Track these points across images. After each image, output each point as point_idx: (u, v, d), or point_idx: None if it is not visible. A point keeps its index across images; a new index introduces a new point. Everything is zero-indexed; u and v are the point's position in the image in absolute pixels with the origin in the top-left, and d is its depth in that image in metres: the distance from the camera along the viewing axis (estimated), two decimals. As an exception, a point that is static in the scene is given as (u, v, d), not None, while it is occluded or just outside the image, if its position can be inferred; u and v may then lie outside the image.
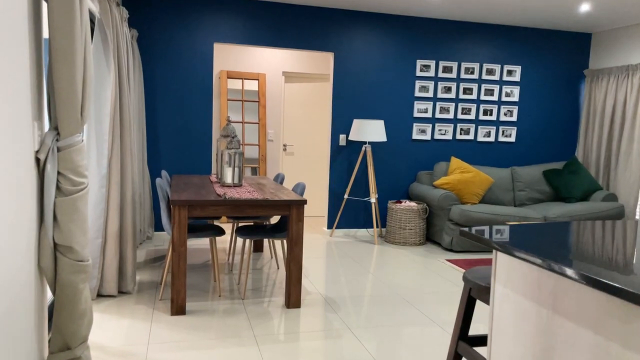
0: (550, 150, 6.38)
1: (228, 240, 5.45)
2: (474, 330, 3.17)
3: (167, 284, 3.83)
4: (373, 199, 5.53)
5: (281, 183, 4.50)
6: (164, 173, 4.31)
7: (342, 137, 5.76)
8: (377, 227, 5.66)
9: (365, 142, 5.85)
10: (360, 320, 3.27)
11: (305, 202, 3.37)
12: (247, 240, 4.52)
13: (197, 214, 3.23)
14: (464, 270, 4.45)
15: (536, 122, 6.28)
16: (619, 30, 5.95)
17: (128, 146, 3.59)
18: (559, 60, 6.26)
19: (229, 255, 4.65)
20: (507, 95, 6.12)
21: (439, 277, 4.28)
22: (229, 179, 3.84)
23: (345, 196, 5.68)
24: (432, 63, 5.88)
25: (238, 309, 3.39)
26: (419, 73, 5.86)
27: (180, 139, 5.35)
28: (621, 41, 5.92)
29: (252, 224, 4.75)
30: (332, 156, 5.77)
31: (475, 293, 1.92)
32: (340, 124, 5.75)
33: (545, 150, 6.36)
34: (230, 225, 6.31)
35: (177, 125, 5.33)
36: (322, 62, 6.91)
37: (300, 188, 3.75)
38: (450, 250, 5.28)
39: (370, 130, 5.41)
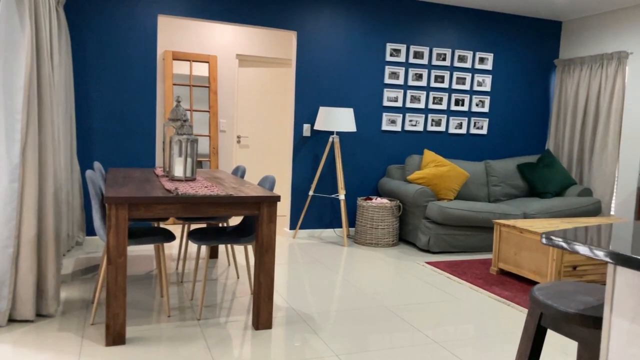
0: (523, 143, 6.07)
1: (176, 245, 4.71)
2: None
3: (102, 302, 3.09)
4: (342, 195, 4.96)
5: (242, 177, 3.83)
6: (97, 165, 3.54)
7: (306, 127, 5.16)
8: (346, 226, 5.09)
9: (332, 133, 5.27)
10: (347, 343, 2.68)
11: (278, 198, 2.74)
12: (203, 247, 3.81)
13: (140, 214, 2.52)
14: (447, 274, 3.98)
15: (508, 113, 5.94)
16: (591, 18, 5.70)
17: (49, 130, 2.82)
18: (530, 48, 5.95)
19: (178, 263, 3.93)
20: (479, 84, 5.73)
21: (423, 283, 3.77)
22: (179, 172, 3.14)
23: (310, 193, 5.08)
24: (403, 47, 5.38)
25: (193, 334, 2.71)
26: (389, 58, 5.34)
27: (117, 127, 4.55)
28: (593, 29, 5.67)
29: (205, 226, 4.05)
30: (295, 148, 5.15)
31: (550, 321, 1.38)
32: (304, 112, 5.14)
33: (518, 143, 6.04)
34: (178, 227, 5.54)
35: (114, 110, 4.53)
36: (281, 46, 6.27)
37: (269, 182, 3.11)
38: (427, 251, 4.80)
39: (338, 119, 4.83)
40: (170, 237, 2.95)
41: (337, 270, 4.03)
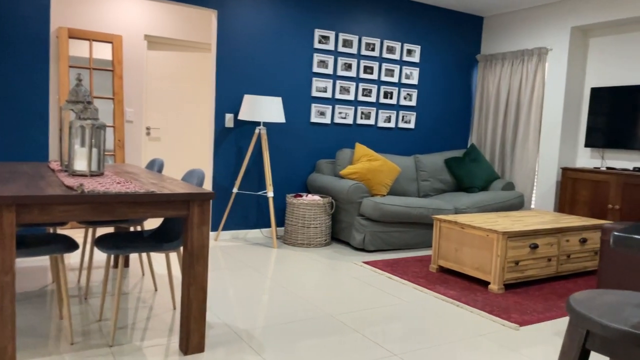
0: (449, 138, 6.03)
1: (76, 252, 4.02)
2: (447, 360, 2.40)
3: (-20, 331, 2.42)
4: (270, 192, 4.54)
5: (159, 172, 3.29)
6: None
7: (228, 117, 4.67)
8: (274, 226, 4.70)
9: (259, 124, 4.83)
10: (296, 363, 2.29)
11: (212, 195, 2.28)
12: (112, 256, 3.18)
13: (32, 218, 1.95)
14: (387, 274, 3.72)
15: (434, 107, 5.86)
16: (511, 15, 5.78)
17: None
18: (455, 42, 5.92)
19: (80, 274, 3.30)
20: (407, 77, 5.59)
21: (365, 285, 3.48)
22: (81, 165, 2.56)
23: (234, 190, 4.61)
24: (332, 35, 5.07)
25: (107, 366, 2.18)
26: (317, 45, 5.01)
27: None
28: (513, 25, 5.76)
29: (113, 230, 3.46)
30: (216, 141, 4.64)
31: (598, 343, 1.10)
32: (227, 101, 4.64)
33: (444, 137, 5.99)
34: (79, 232, 4.80)
35: (-6, 92, 3.75)
36: (197, 28, 5.70)
37: (197, 177, 2.62)
38: (363, 250, 4.53)
39: (265, 109, 4.41)
40: (72, 245, 2.38)
41: (271, 276, 3.62)
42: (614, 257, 2.74)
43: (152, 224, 5.15)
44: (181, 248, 2.95)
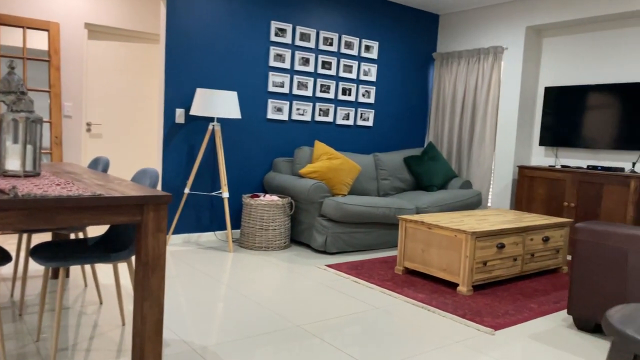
0: (406, 136, 5.96)
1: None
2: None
3: None
4: (225, 193, 4.26)
5: (105, 172, 2.96)
6: None
7: (179, 112, 4.35)
8: (230, 229, 4.43)
9: (212, 120, 4.54)
10: (266, 383, 2.07)
11: (169, 198, 2.02)
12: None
13: (-48, 229, 1.62)
14: (353, 278, 3.56)
15: (392, 105, 5.77)
16: (467, 13, 5.77)
17: None
18: (412, 40, 5.85)
19: (13, 288, 2.92)
20: (365, 74, 5.46)
21: (331, 291, 3.29)
22: (14, 165, 2.22)
23: (186, 191, 4.30)
24: (289, 27, 4.85)
25: (46, 398, 1.87)
26: (273, 37, 4.77)
27: None
28: (469, 24, 5.76)
29: (50, 238, 3.11)
30: (165, 138, 4.32)
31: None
32: (177, 95, 4.33)
33: (402, 135, 5.91)
34: (9, 239, 4.33)
35: None
36: (144, 17, 5.31)
37: (150, 177, 2.34)
38: (324, 252, 4.35)
39: (220, 104, 4.13)
40: (4, 257, 2.04)
41: (228, 283, 3.36)
42: (587, 255, 2.70)
43: (96, 229, 4.75)
44: (133, 257, 2.64)
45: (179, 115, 4.35)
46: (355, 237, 4.34)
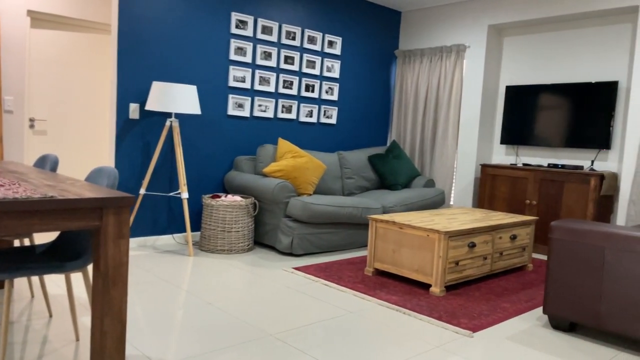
0: (369, 134, 5.87)
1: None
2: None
3: None
4: (185, 193, 4.02)
5: (53, 171, 2.68)
6: None
7: (133, 107, 4.07)
8: (190, 231, 4.20)
9: (170, 115, 4.27)
10: (242, 402, 1.89)
11: (131, 200, 1.80)
12: None
13: None
14: (323, 281, 3.42)
15: (355, 102, 5.67)
16: (429, 10, 5.75)
17: None
18: (374, 36, 5.77)
19: (-54, 303, 2.59)
20: (329, 70, 5.33)
21: (302, 296, 3.14)
22: (-52, 163, 1.93)
23: (141, 191, 4.02)
24: (250, 20, 4.65)
25: None
26: (234, 30, 4.56)
27: None
28: (431, 22, 5.74)
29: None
30: (118, 135, 4.02)
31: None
32: (131, 89, 4.04)
33: (365, 133, 5.82)
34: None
35: None
36: (93, 5, 4.97)
37: (107, 177, 2.10)
38: (290, 254, 4.18)
39: (178, 98, 3.89)
40: None
41: (191, 290, 3.14)
42: (563, 253, 2.67)
43: (44, 234, 4.37)
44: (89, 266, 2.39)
45: (133, 110, 4.07)
46: (322, 238, 4.20)
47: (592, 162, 4.70)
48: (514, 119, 5.17)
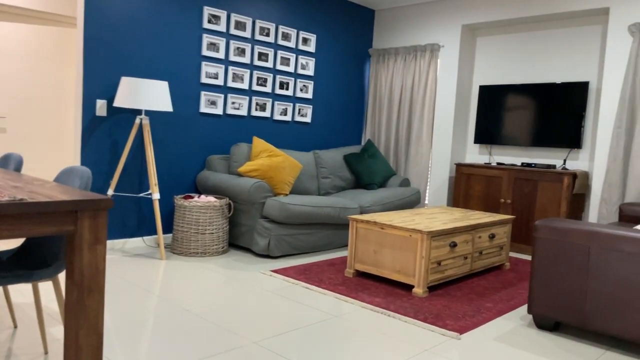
0: (344, 133, 5.81)
1: None
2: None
3: None
4: (156, 194, 3.84)
5: (17, 171, 2.48)
6: None
7: (100, 103, 3.86)
8: (161, 234, 4.02)
9: (140, 112, 4.08)
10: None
11: (109, 203, 1.66)
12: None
13: None
14: (303, 284, 3.32)
15: (330, 101, 5.59)
16: (402, 9, 5.73)
17: None
18: (349, 34, 5.71)
19: None
20: (303, 67, 5.23)
21: (284, 300, 3.03)
22: None
23: (110, 192, 3.83)
24: (223, 14, 4.50)
25: None
26: (206, 24, 4.40)
27: None
28: (405, 20, 5.72)
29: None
30: (85, 133, 3.81)
31: None
32: (98, 84, 3.84)
33: (340, 132, 5.75)
34: None
35: None
36: (52, -4, 4.71)
37: (80, 177, 1.94)
38: (267, 256, 4.06)
39: (149, 95, 3.71)
40: None
41: (167, 297, 2.99)
42: (548, 252, 2.66)
43: (9, 240, 4.11)
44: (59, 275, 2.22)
45: (100, 107, 3.86)
46: (300, 239, 4.10)
47: (565, 161, 4.77)
48: (488, 119, 5.20)
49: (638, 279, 2.39)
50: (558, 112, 4.72)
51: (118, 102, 3.72)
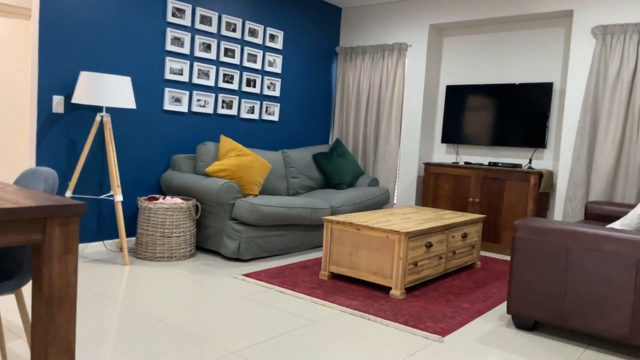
0: (312, 132, 5.71)
1: None
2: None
3: None
4: (118, 195, 3.63)
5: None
6: None
7: (57, 99, 3.61)
8: (124, 238, 3.80)
9: (100, 109, 3.85)
10: None
11: (83, 209, 1.50)
12: None
13: None
14: (277, 288, 3.21)
15: (297, 99, 5.48)
16: (370, 8, 5.70)
17: None
18: (316, 32, 5.62)
19: None
20: (270, 64, 5.10)
21: (257, 305, 2.91)
22: None
23: (68, 194, 3.59)
24: (188, 8, 4.32)
25: None
26: (170, 18, 4.21)
27: None
28: (373, 19, 5.69)
29: None
30: (40, 131, 3.56)
31: None
32: (55, 79, 3.59)
33: (308, 131, 5.65)
34: None
35: None
36: (0, -16, 4.39)
37: (45, 180, 1.76)
38: (237, 259, 3.92)
39: (110, 91, 3.50)
40: None
41: (135, 305, 2.81)
42: (527, 252, 2.67)
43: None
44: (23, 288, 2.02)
45: (57, 103, 3.61)
46: (271, 241, 3.98)
47: (530, 160, 4.85)
48: (454, 118, 5.24)
49: (617, 278, 2.41)
50: (523, 112, 4.80)
51: (77, 99, 3.49)
